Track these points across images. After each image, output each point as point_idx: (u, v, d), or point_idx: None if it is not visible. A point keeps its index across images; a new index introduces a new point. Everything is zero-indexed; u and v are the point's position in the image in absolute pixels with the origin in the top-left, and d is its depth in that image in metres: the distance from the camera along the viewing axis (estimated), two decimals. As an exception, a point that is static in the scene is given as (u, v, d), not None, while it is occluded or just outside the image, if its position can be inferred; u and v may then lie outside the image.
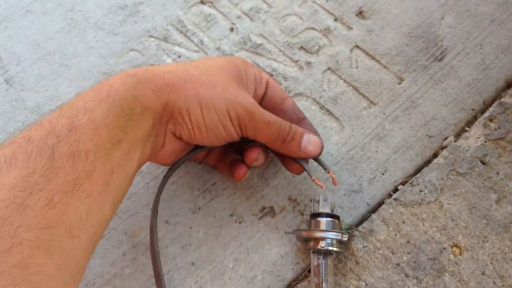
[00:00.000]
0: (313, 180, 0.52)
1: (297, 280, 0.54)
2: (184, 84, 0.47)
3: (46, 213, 0.36)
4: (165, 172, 0.56)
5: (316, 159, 0.54)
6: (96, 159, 0.39)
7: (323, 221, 0.51)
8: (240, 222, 0.58)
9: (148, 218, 0.58)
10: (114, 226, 0.59)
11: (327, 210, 0.52)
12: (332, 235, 0.50)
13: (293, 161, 0.54)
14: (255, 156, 0.53)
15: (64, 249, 0.37)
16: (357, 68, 0.68)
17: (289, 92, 0.67)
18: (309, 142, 0.52)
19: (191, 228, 0.58)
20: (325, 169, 0.53)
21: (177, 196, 0.60)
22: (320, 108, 0.65)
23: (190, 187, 0.60)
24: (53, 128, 0.39)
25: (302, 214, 0.58)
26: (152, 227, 0.53)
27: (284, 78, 0.69)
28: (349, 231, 0.52)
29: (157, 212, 0.54)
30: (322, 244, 0.50)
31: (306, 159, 0.53)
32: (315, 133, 0.54)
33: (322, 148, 0.53)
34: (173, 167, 0.55)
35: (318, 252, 0.51)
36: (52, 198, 0.36)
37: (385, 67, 0.68)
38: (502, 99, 0.62)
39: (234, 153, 0.58)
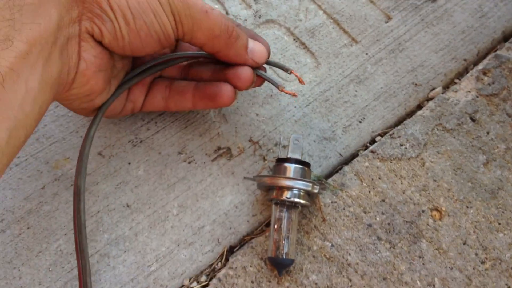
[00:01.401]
0: (282, 90, 0.45)
1: (252, 234, 0.48)
2: None
3: None
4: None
5: (269, 63, 0.47)
6: None
7: (291, 167, 0.45)
8: (189, 162, 0.50)
9: (77, 147, 0.50)
10: (33, 153, 0.50)
11: (297, 156, 0.46)
12: (301, 184, 0.44)
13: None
14: (250, 73, 0.44)
15: None
16: (340, -1, 0.61)
17: (260, 17, 0.59)
18: (255, 46, 0.45)
19: (129, 163, 0.50)
20: (286, 70, 0.46)
21: (115, 124, 0.52)
22: (294, 40, 0.58)
23: (132, 115, 0.52)
24: None
25: (264, 159, 0.51)
26: (81, 157, 0.43)
27: (254, 0, 0.60)
28: (320, 182, 0.46)
29: (91, 141, 0.44)
30: (287, 194, 0.44)
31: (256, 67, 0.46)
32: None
33: (269, 54, 0.46)
34: (102, 106, 0.44)
35: (282, 203, 0.45)
36: None
37: (371, 1, 0.61)
38: (498, 52, 0.58)
39: (187, 82, 0.48)
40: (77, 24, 0.37)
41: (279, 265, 0.44)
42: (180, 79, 0.49)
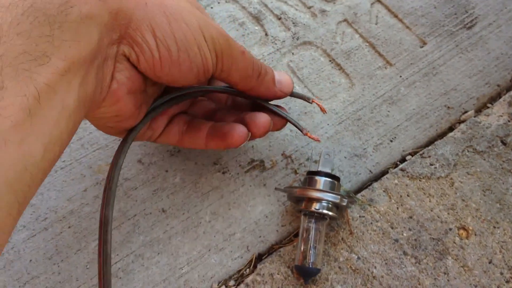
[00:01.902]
0: (306, 134, 0.48)
1: (280, 243, 0.50)
2: None
3: None
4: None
5: (292, 95, 0.49)
6: (4, 74, 0.29)
7: (321, 180, 0.47)
8: (224, 173, 0.54)
9: (120, 153, 0.54)
10: (77, 157, 0.54)
11: (327, 170, 0.48)
12: (330, 197, 0.46)
13: (273, 113, 0.49)
14: (267, 120, 0.46)
15: None
16: (376, 24, 0.64)
17: (297, 39, 0.63)
18: (281, 78, 0.47)
19: (166, 171, 0.54)
20: (307, 100, 0.49)
21: (156, 133, 0.55)
22: (330, 61, 0.61)
23: (171, 125, 0.56)
24: None
25: (296, 172, 0.54)
26: (109, 185, 0.42)
27: (293, 23, 0.64)
28: (349, 196, 0.48)
29: (120, 170, 0.44)
30: (316, 206, 0.47)
31: (280, 102, 0.48)
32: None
33: (293, 83, 0.48)
34: (132, 132, 0.44)
35: (310, 214, 0.47)
36: None
37: (407, 27, 0.64)
38: (532, 79, 0.59)
39: (205, 121, 0.49)
40: (115, 46, 0.37)
41: (306, 274, 0.46)
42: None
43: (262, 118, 0.45)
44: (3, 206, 0.29)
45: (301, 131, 0.48)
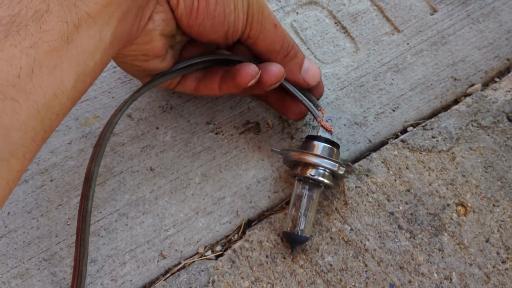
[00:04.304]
0: (319, 122, 0.46)
1: (271, 210, 0.49)
2: None
3: None
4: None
5: (307, 92, 0.48)
6: None
7: (320, 145, 0.46)
8: (217, 133, 0.52)
9: (108, 106, 0.52)
10: (65, 108, 0.52)
11: (328, 136, 0.47)
12: (327, 163, 0.44)
13: (293, 100, 0.48)
14: (279, 70, 0.43)
15: None
16: (385, -14, 0.61)
17: (302, -3, 0.60)
18: (310, 67, 0.47)
19: (157, 128, 0.51)
20: (316, 106, 0.47)
21: (147, 88, 0.53)
22: (336, 23, 0.59)
23: (164, 80, 0.54)
24: None
25: (292, 137, 0.52)
26: (100, 140, 0.41)
27: (298, -20, 0.61)
28: (346, 165, 0.47)
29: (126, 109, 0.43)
30: (311, 172, 0.45)
31: (303, 91, 0.47)
32: None
33: (320, 79, 0.47)
34: (149, 82, 0.44)
35: (305, 180, 0.46)
36: None
37: (418, -8, 0.61)
38: (544, 55, 0.57)
39: (221, 67, 0.47)
40: None
41: (293, 241, 0.45)
42: None
43: (275, 67, 0.44)
44: (28, 130, 0.30)
45: (315, 118, 0.46)
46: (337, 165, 0.45)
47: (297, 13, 0.59)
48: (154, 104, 0.53)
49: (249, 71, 0.42)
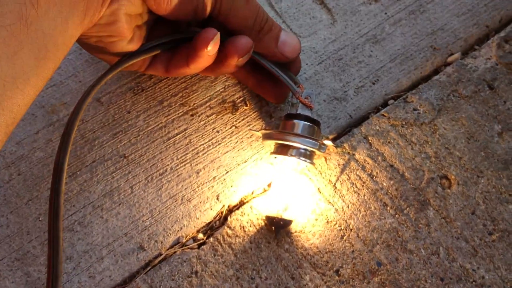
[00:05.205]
0: (298, 98, 0.44)
1: (253, 194, 0.47)
2: None
3: None
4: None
5: (285, 69, 0.46)
6: None
7: (300, 124, 0.44)
8: (192, 115, 0.49)
9: (75, 91, 0.49)
10: (28, 96, 0.48)
11: (307, 113, 0.45)
12: (308, 143, 0.42)
13: (273, 82, 0.47)
14: (247, 41, 0.41)
15: None
16: (360, -47, 0.59)
17: (274, -33, 0.57)
18: (287, 39, 0.44)
19: (128, 112, 0.49)
20: (295, 83, 0.45)
21: (116, 71, 0.50)
22: (309, -7, 0.56)
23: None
24: None
25: (271, 116, 0.50)
26: (69, 129, 0.39)
27: (269, -51, 0.58)
28: (329, 142, 0.45)
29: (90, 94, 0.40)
30: (292, 151, 0.43)
31: (280, 65, 0.45)
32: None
33: (300, 50, 0.45)
34: (116, 64, 0.41)
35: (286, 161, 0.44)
36: None
37: (393, -42, 0.59)
38: (523, 20, 0.56)
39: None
40: None
41: (277, 225, 0.43)
42: None
43: (242, 39, 0.41)
44: None
45: (294, 95, 0.44)
46: (318, 144, 0.43)
47: (269, -16, 0.57)
48: (125, 87, 0.50)
49: (207, 35, 0.39)
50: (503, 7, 0.57)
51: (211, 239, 0.44)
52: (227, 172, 0.47)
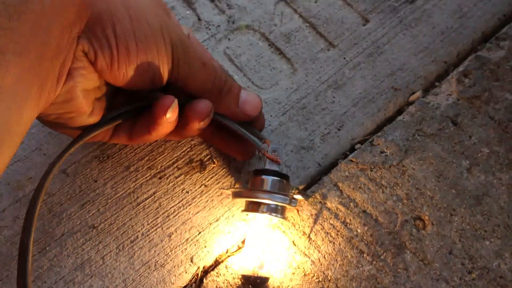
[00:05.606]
0: (265, 154, 0.44)
1: (227, 252, 0.46)
2: None
3: None
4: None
5: (250, 126, 0.46)
6: None
7: (269, 180, 0.43)
8: (160, 178, 0.49)
9: (40, 165, 0.48)
10: (-8, 174, 0.48)
11: (275, 168, 0.44)
12: (278, 198, 0.42)
13: (238, 140, 0.47)
14: (206, 105, 0.41)
15: None
16: (316, 2, 0.60)
17: (233, 23, 0.58)
18: (247, 98, 0.44)
19: (95, 181, 0.48)
20: (260, 139, 0.45)
21: (80, 140, 0.50)
22: (269, 45, 0.57)
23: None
24: None
25: (240, 172, 0.49)
26: (32, 209, 0.38)
27: (228, 5, 0.59)
28: (299, 194, 0.44)
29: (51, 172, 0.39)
30: (263, 208, 0.43)
31: (244, 123, 0.45)
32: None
33: (261, 107, 0.45)
34: (78, 138, 0.40)
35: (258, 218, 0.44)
36: None
37: (348, 4, 0.60)
38: (479, 53, 0.56)
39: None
40: (74, 40, 0.34)
41: (254, 284, 0.42)
42: None
43: (200, 103, 0.41)
44: None
45: (260, 151, 0.44)
46: (289, 198, 0.43)
47: (229, 39, 0.57)
48: (90, 156, 0.49)
49: (164, 102, 0.39)
50: (459, 42, 0.58)
51: (188, 305, 0.43)
52: (200, 232, 0.46)
